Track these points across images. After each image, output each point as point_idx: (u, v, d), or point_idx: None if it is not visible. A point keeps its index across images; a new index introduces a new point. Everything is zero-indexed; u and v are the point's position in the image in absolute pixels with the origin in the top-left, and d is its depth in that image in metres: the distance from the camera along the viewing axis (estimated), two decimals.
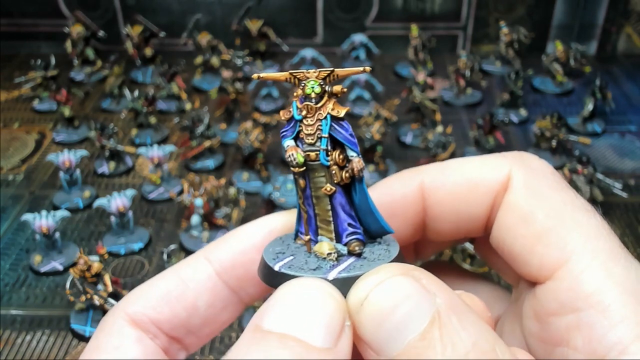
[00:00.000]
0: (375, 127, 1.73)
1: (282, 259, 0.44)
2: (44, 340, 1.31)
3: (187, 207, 1.54)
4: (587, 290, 0.40)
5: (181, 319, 0.47)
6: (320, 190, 0.45)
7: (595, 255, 0.41)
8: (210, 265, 0.49)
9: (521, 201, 0.46)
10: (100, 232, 1.60)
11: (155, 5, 2.40)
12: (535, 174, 0.47)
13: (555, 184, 0.46)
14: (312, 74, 0.44)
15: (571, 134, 1.90)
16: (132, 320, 0.46)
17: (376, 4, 2.40)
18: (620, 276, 0.40)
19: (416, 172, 0.52)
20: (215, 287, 0.49)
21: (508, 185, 0.47)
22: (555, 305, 0.42)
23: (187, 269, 0.49)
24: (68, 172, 1.67)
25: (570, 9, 2.41)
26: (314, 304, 0.38)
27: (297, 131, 0.44)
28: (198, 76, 2.28)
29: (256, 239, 0.49)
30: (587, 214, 0.44)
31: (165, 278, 0.49)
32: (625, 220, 1.62)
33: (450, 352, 0.35)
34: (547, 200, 0.45)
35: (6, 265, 1.50)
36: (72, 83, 2.26)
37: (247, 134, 1.72)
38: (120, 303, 0.48)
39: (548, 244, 0.43)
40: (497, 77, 2.31)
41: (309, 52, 2.23)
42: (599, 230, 0.42)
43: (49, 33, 2.47)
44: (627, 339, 0.37)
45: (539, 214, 0.44)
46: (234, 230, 0.51)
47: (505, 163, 0.48)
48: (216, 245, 0.50)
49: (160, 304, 0.47)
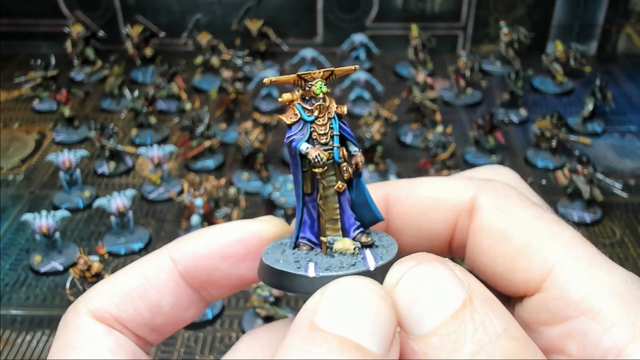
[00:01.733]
0: (375, 127, 1.73)
1: (307, 265, 0.43)
2: (44, 340, 1.31)
3: (187, 207, 1.54)
4: (576, 297, 0.40)
5: (144, 317, 0.47)
6: (330, 189, 0.45)
7: (577, 262, 0.41)
8: (174, 266, 0.48)
9: (493, 221, 0.46)
10: (100, 232, 1.60)
11: (155, 5, 2.40)
12: (501, 195, 0.48)
13: (522, 203, 0.47)
14: (317, 74, 0.44)
15: (571, 134, 1.90)
16: (95, 316, 0.45)
17: (376, 4, 2.40)
18: (605, 280, 0.40)
19: (383, 185, 0.52)
20: (179, 288, 0.48)
21: (474, 208, 0.48)
22: (545, 315, 0.42)
23: (151, 267, 0.48)
24: (68, 172, 1.67)
25: (570, 9, 2.41)
26: (370, 307, 0.38)
27: (309, 133, 0.44)
28: (198, 76, 2.28)
29: (220, 245, 0.48)
30: (560, 225, 0.44)
31: (128, 275, 0.48)
32: (625, 220, 1.62)
33: (481, 334, 0.36)
34: (519, 217, 0.45)
35: (6, 265, 1.50)
36: (72, 83, 2.26)
37: (247, 134, 1.72)
38: (80, 299, 0.46)
39: (529, 258, 0.43)
40: (497, 77, 2.31)
41: (309, 52, 2.24)
42: (575, 239, 0.43)
43: (49, 33, 2.47)
44: (621, 342, 0.38)
45: (514, 231, 0.44)
46: (201, 231, 0.50)
47: (470, 185, 0.49)
48: (181, 244, 0.49)
49: (123, 302, 0.46)
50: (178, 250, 0.48)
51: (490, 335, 0.36)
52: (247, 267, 0.49)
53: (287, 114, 0.45)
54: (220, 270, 0.48)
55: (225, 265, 0.48)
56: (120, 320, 0.46)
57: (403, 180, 0.53)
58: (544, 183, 1.76)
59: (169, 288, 0.48)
